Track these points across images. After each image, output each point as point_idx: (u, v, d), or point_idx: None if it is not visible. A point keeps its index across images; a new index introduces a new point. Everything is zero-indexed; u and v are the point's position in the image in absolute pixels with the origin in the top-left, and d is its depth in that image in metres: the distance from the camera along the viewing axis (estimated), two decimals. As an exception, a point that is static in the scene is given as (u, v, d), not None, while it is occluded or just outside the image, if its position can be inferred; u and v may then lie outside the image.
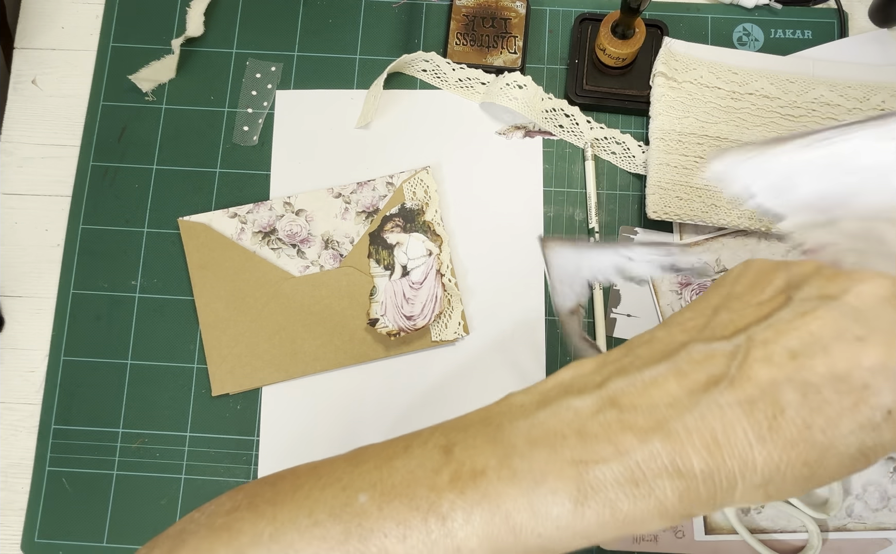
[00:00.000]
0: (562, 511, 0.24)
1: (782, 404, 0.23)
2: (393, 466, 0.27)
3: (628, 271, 0.34)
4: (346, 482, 0.27)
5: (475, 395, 0.49)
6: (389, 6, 0.55)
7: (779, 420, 0.23)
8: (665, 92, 0.51)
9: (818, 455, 0.23)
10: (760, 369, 0.23)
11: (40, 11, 0.55)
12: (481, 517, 0.24)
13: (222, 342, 0.49)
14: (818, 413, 0.23)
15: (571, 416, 0.25)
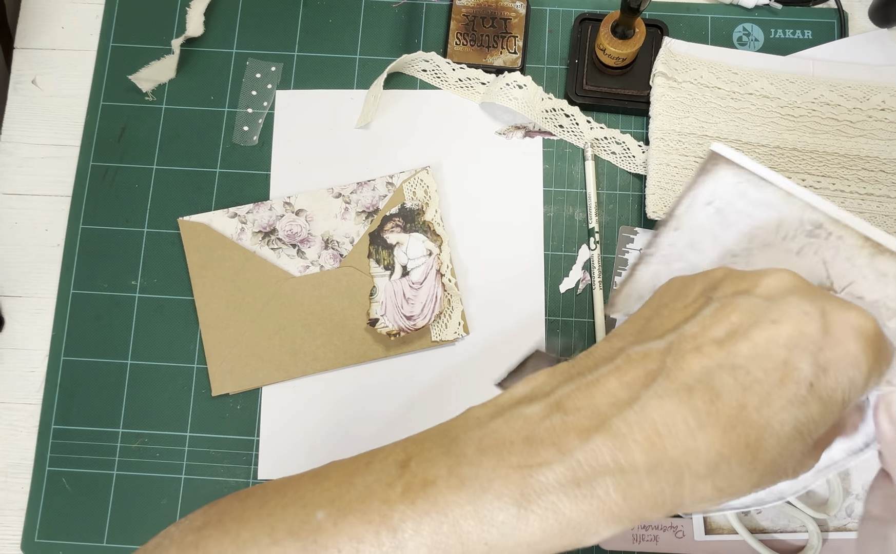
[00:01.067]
0: (506, 517, 0.24)
1: (717, 388, 0.24)
2: (352, 483, 0.27)
3: None
4: (307, 499, 0.27)
5: (475, 395, 0.49)
6: (389, 6, 0.55)
7: (716, 404, 0.24)
8: (665, 92, 0.51)
9: (757, 435, 0.24)
10: (693, 359, 0.25)
11: (40, 11, 0.55)
12: (429, 527, 0.25)
13: (222, 342, 0.49)
14: (751, 392, 0.24)
15: (521, 423, 0.26)
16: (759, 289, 0.26)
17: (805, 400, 0.24)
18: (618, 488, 0.24)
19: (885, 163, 0.50)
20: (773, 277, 0.27)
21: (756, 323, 0.25)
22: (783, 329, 0.25)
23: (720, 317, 0.26)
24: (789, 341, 0.24)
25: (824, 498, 0.47)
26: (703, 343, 0.25)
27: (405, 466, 0.27)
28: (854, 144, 0.50)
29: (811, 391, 0.24)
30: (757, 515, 0.47)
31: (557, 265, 0.51)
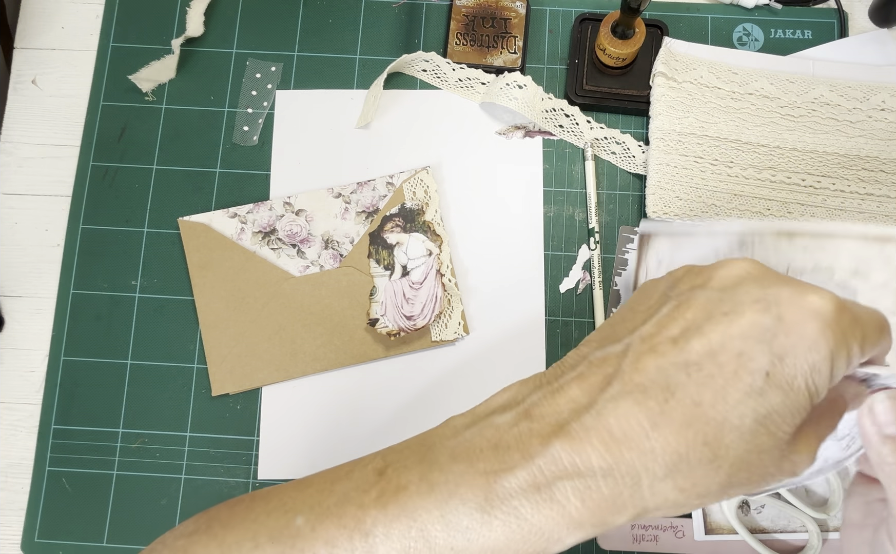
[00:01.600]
0: (471, 522, 0.25)
1: (672, 388, 0.24)
2: (332, 489, 0.28)
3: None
4: (289, 506, 0.28)
5: (475, 395, 0.49)
6: (389, 6, 0.55)
7: (670, 403, 0.24)
8: (665, 92, 0.51)
9: (715, 431, 0.24)
10: (647, 360, 0.25)
11: (40, 11, 0.55)
12: (399, 531, 0.25)
13: (222, 342, 0.49)
14: (705, 388, 0.24)
15: (492, 431, 0.26)
16: (714, 281, 0.27)
17: (762, 390, 0.24)
18: (576, 492, 0.24)
19: (885, 163, 0.50)
20: (728, 268, 0.27)
21: (709, 317, 0.25)
22: (736, 321, 0.24)
23: (676, 315, 0.26)
24: (742, 332, 0.24)
25: (824, 498, 0.47)
26: (658, 343, 0.25)
27: (382, 474, 0.27)
28: (854, 144, 0.50)
29: (768, 381, 0.24)
30: (757, 514, 0.47)
31: (557, 265, 0.51)
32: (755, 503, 0.47)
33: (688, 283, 0.27)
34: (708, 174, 0.50)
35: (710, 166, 0.50)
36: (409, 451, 0.28)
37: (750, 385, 0.24)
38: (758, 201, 0.50)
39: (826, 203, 0.50)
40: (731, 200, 0.50)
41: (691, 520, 0.47)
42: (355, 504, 0.26)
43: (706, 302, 0.26)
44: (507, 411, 0.27)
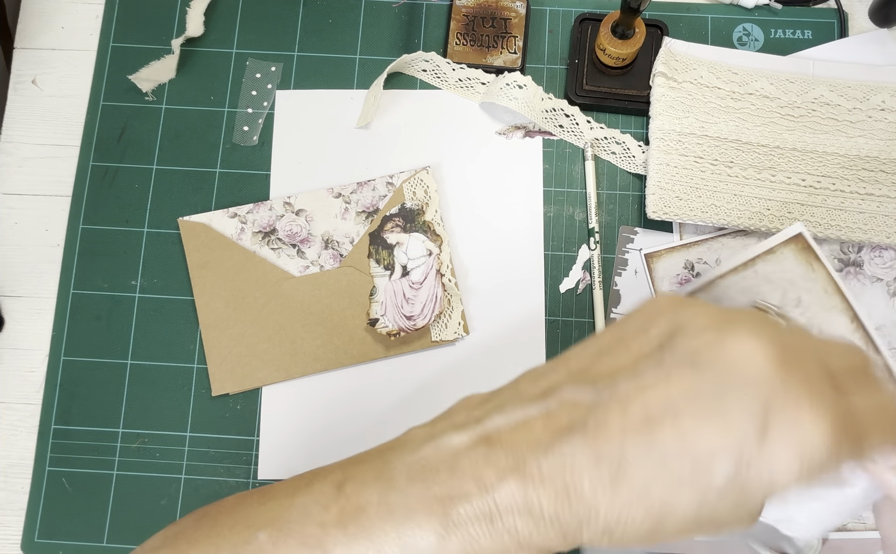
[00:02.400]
0: (428, 546, 0.25)
1: (627, 463, 0.24)
2: (293, 503, 0.28)
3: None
4: (251, 520, 0.28)
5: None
6: (389, 6, 0.55)
7: (620, 477, 0.24)
8: (665, 92, 0.51)
9: (657, 517, 0.24)
10: (614, 424, 0.24)
11: (40, 11, 0.55)
12: (358, 552, 0.26)
13: (222, 342, 0.49)
14: (658, 479, 0.24)
15: (449, 451, 0.27)
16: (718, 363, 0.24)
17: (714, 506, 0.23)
18: (526, 527, 0.25)
19: (885, 163, 0.50)
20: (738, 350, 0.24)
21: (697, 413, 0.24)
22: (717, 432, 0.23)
23: (660, 387, 0.24)
24: (717, 444, 0.23)
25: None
26: (630, 410, 0.24)
27: (341, 489, 0.28)
28: (854, 144, 0.50)
29: (722, 498, 0.23)
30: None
31: (557, 265, 0.51)
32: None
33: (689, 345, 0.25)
34: (708, 174, 0.50)
35: (710, 166, 0.50)
36: (368, 465, 0.28)
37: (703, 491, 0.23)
38: (758, 201, 0.50)
39: (826, 203, 0.50)
40: (731, 200, 0.50)
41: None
42: (316, 521, 0.27)
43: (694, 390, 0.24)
44: (465, 430, 0.27)
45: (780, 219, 0.49)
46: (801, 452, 0.23)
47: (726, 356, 0.24)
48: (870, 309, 0.49)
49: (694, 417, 0.24)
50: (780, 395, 0.23)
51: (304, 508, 0.28)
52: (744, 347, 0.24)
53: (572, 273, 0.51)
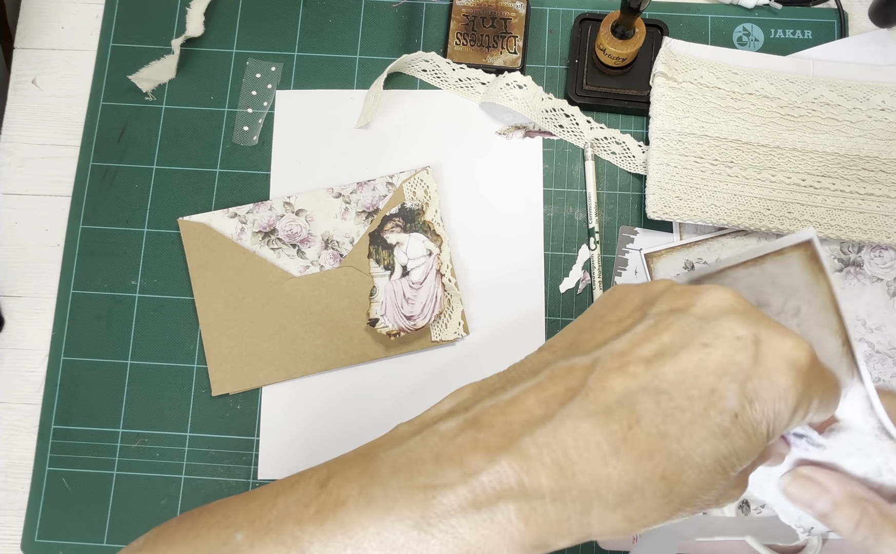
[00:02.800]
0: (407, 541, 0.23)
1: (638, 414, 0.23)
2: (275, 503, 0.27)
3: None
4: (231, 520, 0.27)
5: (475, 395, 0.49)
6: (389, 6, 0.55)
7: (634, 430, 0.23)
8: (665, 92, 0.51)
9: (675, 467, 0.23)
10: (616, 379, 0.24)
11: (40, 11, 0.55)
12: (334, 548, 0.24)
13: (222, 342, 0.49)
14: (672, 421, 0.23)
15: (435, 440, 0.25)
16: (696, 308, 0.25)
17: (728, 432, 0.23)
18: (520, 514, 0.23)
19: (885, 163, 0.50)
20: (712, 296, 0.25)
21: (686, 344, 0.24)
22: (713, 354, 0.24)
23: (651, 335, 0.25)
24: (718, 368, 0.23)
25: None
26: (629, 361, 0.24)
27: (324, 486, 0.26)
28: (854, 144, 0.50)
29: (735, 423, 0.23)
30: (757, 514, 0.47)
31: (557, 265, 0.51)
32: (755, 503, 0.47)
33: (667, 303, 0.26)
34: (708, 174, 0.50)
35: (710, 166, 0.50)
36: (353, 461, 0.27)
37: (718, 425, 0.23)
38: (758, 201, 0.50)
39: (826, 203, 0.50)
40: (731, 200, 0.50)
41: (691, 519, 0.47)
42: (294, 519, 0.25)
43: (686, 327, 0.24)
44: (453, 417, 0.26)
45: (779, 219, 0.49)
46: (790, 361, 0.24)
47: (705, 302, 0.25)
48: (870, 309, 0.49)
49: (691, 352, 0.24)
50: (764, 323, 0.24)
51: (285, 506, 0.26)
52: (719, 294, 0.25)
53: (572, 273, 0.51)
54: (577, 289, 0.51)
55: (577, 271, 0.51)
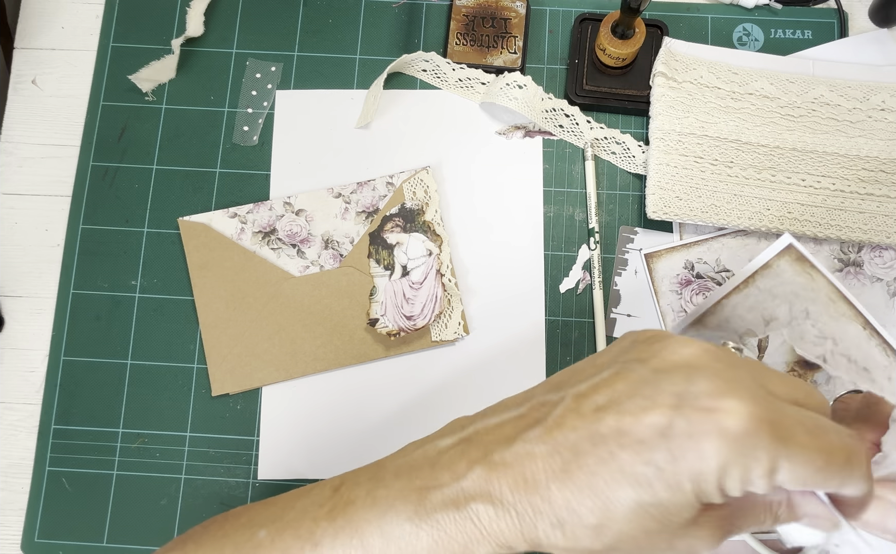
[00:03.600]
0: (402, 532, 0.28)
1: (578, 452, 0.26)
2: (294, 506, 0.31)
3: None
4: (255, 521, 0.31)
5: (475, 395, 0.49)
6: (389, 6, 0.55)
7: (571, 466, 0.26)
8: (665, 92, 0.51)
9: (603, 504, 0.25)
10: (569, 419, 0.27)
11: (40, 11, 0.55)
12: (342, 541, 0.28)
13: (222, 342, 0.49)
14: (603, 465, 0.25)
15: (435, 452, 0.29)
16: (655, 361, 0.27)
17: (651, 483, 0.25)
18: (487, 515, 0.27)
19: (885, 163, 0.50)
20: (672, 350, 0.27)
21: (632, 396, 0.26)
22: (649, 411, 0.25)
23: (611, 382, 0.27)
24: (651, 424, 0.25)
25: (824, 498, 0.47)
26: (583, 405, 0.27)
27: (337, 490, 0.30)
28: (854, 144, 0.50)
29: (659, 476, 0.25)
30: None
31: (557, 265, 0.51)
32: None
33: (636, 353, 0.28)
34: (708, 174, 0.50)
35: (710, 166, 0.50)
36: (364, 470, 0.31)
37: (642, 475, 0.25)
38: (758, 201, 0.50)
39: (826, 203, 0.50)
40: (731, 200, 0.50)
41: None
42: (310, 517, 0.30)
43: (637, 379, 0.27)
44: (451, 436, 0.30)
45: (779, 219, 0.49)
46: (716, 427, 0.24)
47: (665, 357, 0.27)
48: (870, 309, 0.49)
49: (632, 404, 0.26)
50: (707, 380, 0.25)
51: (302, 508, 0.30)
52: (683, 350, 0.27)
53: (572, 273, 0.51)
54: (577, 289, 0.51)
55: (577, 271, 0.51)
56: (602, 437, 0.26)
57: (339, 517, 0.29)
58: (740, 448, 0.24)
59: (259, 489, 0.48)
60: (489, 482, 0.27)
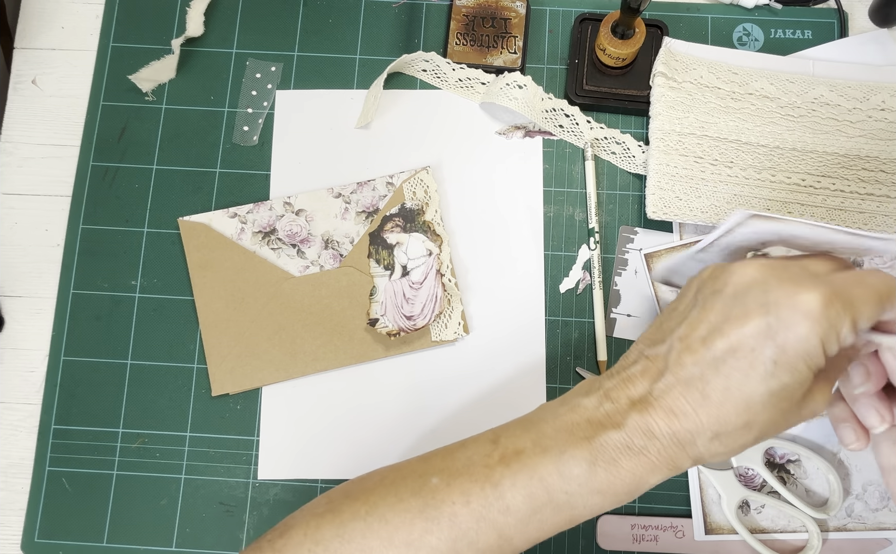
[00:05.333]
0: (580, 471, 0.33)
1: (706, 378, 0.32)
2: (455, 457, 0.35)
3: None
4: (420, 472, 0.35)
5: (475, 394, 0.49)
6: (389, 6, 0.55)
7: (706, 390, 0.32)
8: (665, 92, 0.51)
9: (744, 406, 0.31)
10: (685, 358, 0.33)
11: (40, 11, 0.55)
12: (523, 483, 0.33)
13: (222, 342, 0.49)
14: (731, 377, 0.31)
15: (582, 411, 0.34)
16: (729, 287, 0.33)
17: (773, 373, 0.31)
18: (655, 448, 0.32)
19: (885, 163, 0.50)
20: (739, 275, 0.33)
21: (727, 319, 0.32)
22: (747, 323, 0.31)
23: (702, 317, 0.33)
24: (752, 332, 0.31)
25: (824, 498, 0.47)
26: (691, 342, 0.33)
27: (496, 442, 0.35)
28: (854, 144, 0.50)
29: (776, 366, 0.31)
30: (757, 514, 0.47)
31: (557, 265, 0.51)
32: (755, 503, 0.47)
33: (710, 287, 0.34)
34: (708, 174, 0.50)
35: (710, 166, 0.50)
36: (514, 426, 0.36)
37: (763, 372, 0.31)
38: (758, 201, 0.50)
39: (826, 203, 0.50)
40: (731, 200, 0.50)
41: (691, 520, 0.47)
42: (481, 465, 0.34)
43: (723, 307, 0.32)
44: (590, 395, 0.35)
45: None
46: (804, 312, 0.30)
47: (735, 281, 0.33)
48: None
49: (731, 325, 0.32)
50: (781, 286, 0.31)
51: (467, 458, 0.35)
52: (746, 272, 0.33)
53: (572, 273, 0.51)
54: (577, 289, 0.51)
55: (577, 271, 0.51)
56: (719, 360, 0.31)
57: (513, 463, 0.33)
58: (827, 320, 0.30)
59: (259, 489, 0.48)
60: (648, 423, 0.32)
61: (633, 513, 0.48)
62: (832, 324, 0.31)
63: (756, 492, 0.47)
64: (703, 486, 0.47)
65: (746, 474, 0.47)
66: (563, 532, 0.47)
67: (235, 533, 0.48)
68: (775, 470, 0.48)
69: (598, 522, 0.47)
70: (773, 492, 0.47)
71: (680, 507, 0.48)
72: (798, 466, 0.48)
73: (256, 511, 0.48)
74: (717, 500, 0.47)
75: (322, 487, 0.48)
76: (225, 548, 0.47)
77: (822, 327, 0.30)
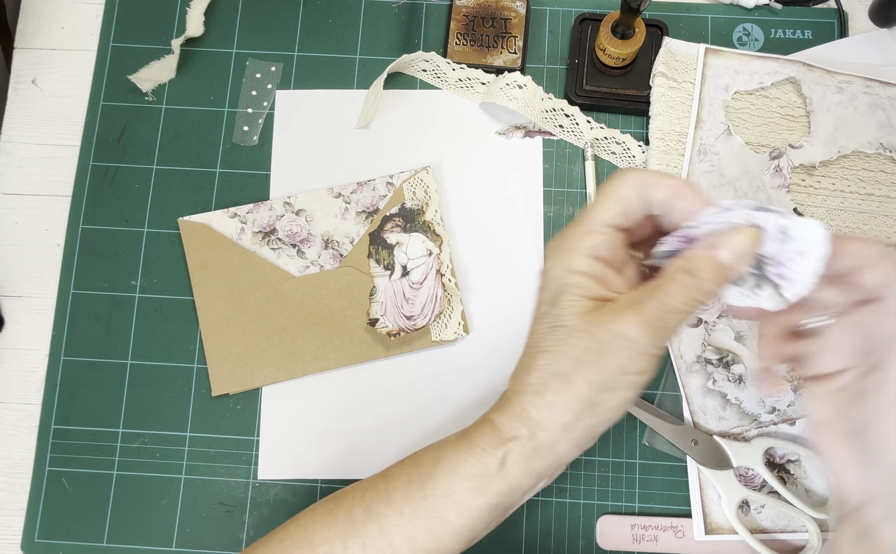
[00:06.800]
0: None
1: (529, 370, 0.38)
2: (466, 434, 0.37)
3: None
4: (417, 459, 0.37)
5: (475, 394, 0.49)
6: (389, 6, 0.55)
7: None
8: (665, 92, 0.51)
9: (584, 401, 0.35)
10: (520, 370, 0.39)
11: (40, 11, 0.55)
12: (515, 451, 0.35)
13: (222, 342, 0.49)
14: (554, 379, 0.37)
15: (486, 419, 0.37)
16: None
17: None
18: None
19: (885, 163, 0.50)
20: None
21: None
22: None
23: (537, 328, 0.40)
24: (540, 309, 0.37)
25: (824, 498, 0.47)
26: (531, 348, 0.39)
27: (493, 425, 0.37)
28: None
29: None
30: (757, 514, 0.47)
31: (557, 265, 0.51)
32: (755, 503, 0.47)
33: None
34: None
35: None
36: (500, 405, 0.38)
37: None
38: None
39: (826, 203, 0.50)
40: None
41: (691, 520, 0.47)
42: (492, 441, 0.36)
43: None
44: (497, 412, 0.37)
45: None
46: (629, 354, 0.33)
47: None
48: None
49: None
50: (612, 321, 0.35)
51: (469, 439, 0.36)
52: None
53: (572, 273, 0.51)
54: (577, 289, 0.51)
55: (577, 271, 0.51)
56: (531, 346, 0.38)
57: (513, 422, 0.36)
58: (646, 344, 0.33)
59: (259, 489, 0.48)
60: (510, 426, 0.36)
61: (633, 513, 0.48)
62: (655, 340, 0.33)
63: (756, 492, 0.47)
64: (703, 486, 0.47)
65: (746, 474, 0.47)
66: (562, 532, 0.47)
67: (235, 533, 0.48)
68: (775, 470, 0.48)
69: (598, 522, 0.47)
70: (773, 492, 0.47)
71: (680, 507, 0.48)
72: (798, 466, 0.48)
73: (256, 511, 0.48)
74: (717, 500, 0.47)
75: (322, 487, 0.48)
76: (225, 548, 0.47)
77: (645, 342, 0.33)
